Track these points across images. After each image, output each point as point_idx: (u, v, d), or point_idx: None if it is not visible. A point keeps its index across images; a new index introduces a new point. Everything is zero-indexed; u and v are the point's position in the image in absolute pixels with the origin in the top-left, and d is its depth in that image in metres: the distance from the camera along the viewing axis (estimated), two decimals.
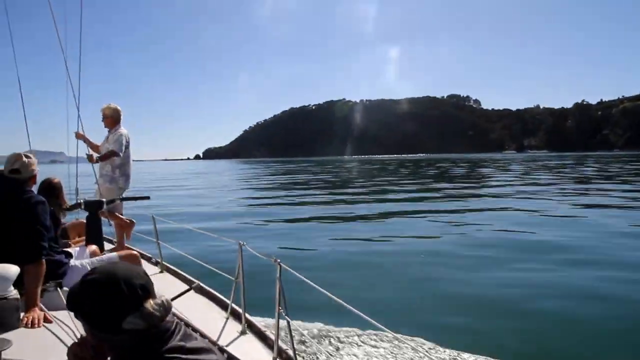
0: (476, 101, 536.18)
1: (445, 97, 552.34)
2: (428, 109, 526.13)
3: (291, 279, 2.91)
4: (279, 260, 2.93)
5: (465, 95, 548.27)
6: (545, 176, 38.21)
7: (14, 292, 2.32)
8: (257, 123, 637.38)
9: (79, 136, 5.64)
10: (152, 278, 3.48)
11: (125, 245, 5.72)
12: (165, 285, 4.43)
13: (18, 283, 2.39)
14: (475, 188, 28.48)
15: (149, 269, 4.70)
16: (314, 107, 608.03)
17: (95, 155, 5.59)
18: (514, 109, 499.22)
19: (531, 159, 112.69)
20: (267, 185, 36.02)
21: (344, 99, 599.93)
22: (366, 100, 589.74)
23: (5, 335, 2.20)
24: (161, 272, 5.00)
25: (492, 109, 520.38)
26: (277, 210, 18.26)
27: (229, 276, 3.77)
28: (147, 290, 1.34)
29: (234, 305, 3.61)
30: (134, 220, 5.62)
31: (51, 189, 4.34)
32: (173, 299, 1.67)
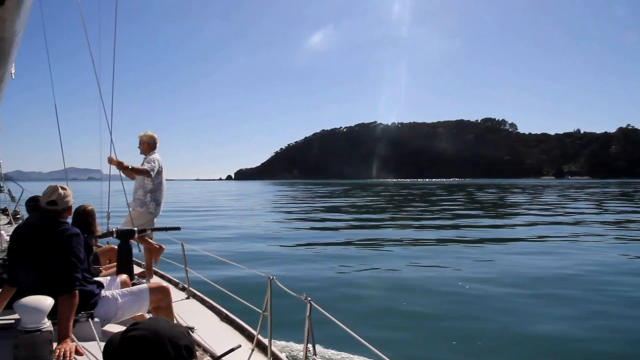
0: (512, 125, 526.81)
1: (479, 120, 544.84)
2: (461, 132, 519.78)
3: (320, 314, 2.90)
4: (309, 298, 2.93)
5: (500, 119, 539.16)
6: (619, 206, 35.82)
7: (47, 324, 2.39)
8: (288, 145, 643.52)
9: (111, 161, 5.53)
10: (179, 304, 3.57)
11: (153, 268, 5.83)
12: (191, 312, 4.49)
13: (51, 313, 2.46)
14: (549, 215, 27.17)
15: (176, 294, 4.78)
16: (345, 130, 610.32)
17: (129, 166, 5.52)
18: (552, 133, 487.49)
19: (581, 185, 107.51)
20: (305, 208, 35.63)
21: (375, 121, 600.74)
22: (398, 123, 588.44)
23: None
24: (187, 298, 5.07)
25: (529, 133, 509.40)
26: (313, 235, 18.11)
27: (256, 309, 3.79)
28: (191, 352, 1.28)
29: (260, 337, 3.62)
30: (163, 246, 5.73)
31: (85, 216, 4.48)
32: (221, 357, 1.68)
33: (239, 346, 2.62)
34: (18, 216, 9.82)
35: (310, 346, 2.85)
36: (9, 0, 1.03)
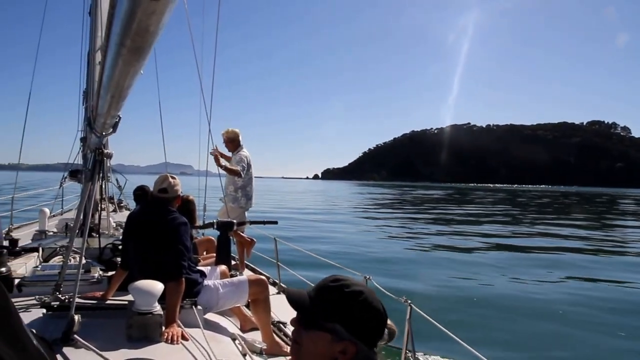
0: (625, 128, 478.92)
1: (585, 123, 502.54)
2: (564, 136, 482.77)
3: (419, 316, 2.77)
4: (409, 301, 2.81)
5: (610, 122, 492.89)
6: None
7: (158, 308, 2.51)
8: (377, 145, 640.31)
9: (215, 153, 5.72)
10: (270, 299, 3.57)
11: (245, 262, 5.97)
12: (282, 308, 4.51)
13: (159, 299, 2.57)
14: None
15: None
16: (435, 131, 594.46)
17: (223, 162, 5.77)
18: None
19: None
20: (399, 209, 34.86)
21: (468, 122, 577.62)
22: (494, 125, 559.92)
23: (147, 349, 2.36)
24: (278, 293, 5.11)
25: None
26: (413, 238, 17.54)
27: None
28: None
29: None
30: (255, 239, 5.85)
31: (188, 205, 4.65)
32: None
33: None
34: (122, 204, 10.60)
35: (410, 351, 2.73)
36: None
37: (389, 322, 1.32)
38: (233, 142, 6.03)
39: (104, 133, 2.58)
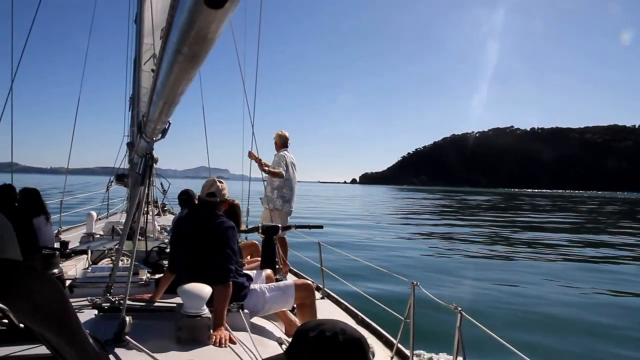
0: None
1: (637, 126, 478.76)
2: (615, 139, 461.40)
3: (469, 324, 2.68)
4: (459, 308, 2.73)
5: None
6: None
7: (206, 311, 2.53)
8: (416, 149, 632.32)
9: (252, 156, 5.83)
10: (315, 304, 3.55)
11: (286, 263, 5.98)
12: (326, 313, 4.48)
13: (207, 302, 2.59)
14: None
15: None
16: (477, 135, 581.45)
17: (264, 163, 5.83)
18: None
19: None
20: (445, 215, 33.94)
21: (512, 126, 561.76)
22: (539, 128, 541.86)
23: (196, 351, 2.39)
24: (322, 298, 5.08)
25: None
26: (461, 246, 16.96)
27: (397, 315, 3.64)
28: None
29: (400, 346, 3.47)
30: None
31: (233, 209, 4.71)
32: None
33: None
34: (165, 208, 10.84)
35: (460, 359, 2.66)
36: (230, 3, 1.01)
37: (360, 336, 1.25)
38: (278, 143, 6.17)
39: (153, 138, 2.63)
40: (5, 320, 0.95)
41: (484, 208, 48.83)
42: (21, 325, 0.98)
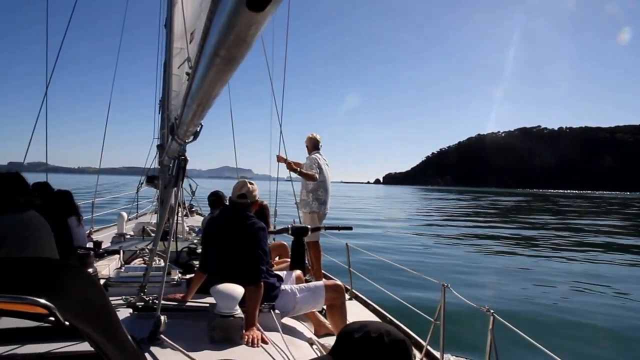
0: None
1: None
2: None
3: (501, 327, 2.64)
4: (492, 311, 2.69)
5: None
6: None
7: (239, 311, 2.57)
8: (440, 149, 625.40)
9: (280, 159, 5.93)
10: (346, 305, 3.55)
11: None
12: (354, 314, 4.47)
13: (239, 302, 2.61)
14: None
15: None
16: (503, 134, 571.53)
17: (297, 169, 5.85)
18: None
19: None
20: (474, 216, 33.13)
21: (539, 125, 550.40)
22: (566, 127, 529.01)
23: (230, 351, 2.41)
24: (350, 299, 5.07)
25: None
26: (491, 246, 16.67)
27: (427, 316, 3.61)
28: None
29: (429, 348, 3.44)
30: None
31: (262, 210, 4.74)
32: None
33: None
34: (193, 209, 10.95)
35: None
36: (271, 5, 1.00)
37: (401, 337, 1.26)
38: (308, 146, 6.15)
39: (185, 140, 2.67)
40: (52, 318, 0.98)
41: (519, 209, 47.83)
42: (66, 323, 1.00)
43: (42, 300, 0.96)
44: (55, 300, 0.98)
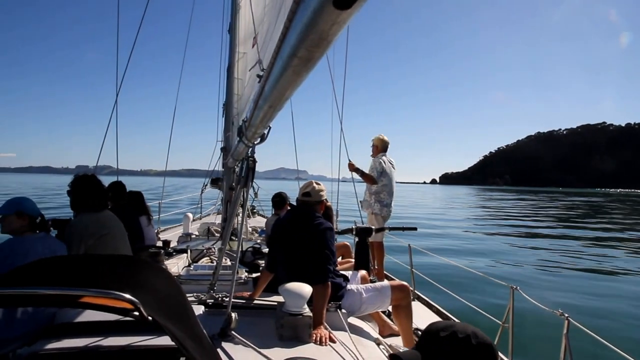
0: None
1: None
2: None
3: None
4: (567, 315, 2.57)
5: None
6: None
7: (307, 310, 2.59)
8: (499, 148, 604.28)
9: (351, 167, 5.97)
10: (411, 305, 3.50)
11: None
12: (417, 315, 4.40)
13: (307, 301, 2.64)
14: None
15: None
16: (565, 132, 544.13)
17: (359, 168, 5.95)
18: None
19: None
20: (542, 217, 31.65)
21: (604, 122, 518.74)
22: (635, 123, 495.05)
23: (298, 349, 2.44)
24: (413, 300, 5.00)
25: None
26: (564, 248, 15.94)
27: (495, 319, 3.50)
28: None
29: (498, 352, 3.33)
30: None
31: (327, 211, 4.79)
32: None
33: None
34: (254, 210, 11.19)
35: None
36: (358, 2, 1.01)
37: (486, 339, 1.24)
38: (377, 148, 6.14)
39: (253, 142, 2.71)
40: (136, 313, 1.03)
41: (595, 208, 45.14)
42: (149, 318, 1.05)
43: (128, 296, 1.02)
44: (139, 296, 1.03)
